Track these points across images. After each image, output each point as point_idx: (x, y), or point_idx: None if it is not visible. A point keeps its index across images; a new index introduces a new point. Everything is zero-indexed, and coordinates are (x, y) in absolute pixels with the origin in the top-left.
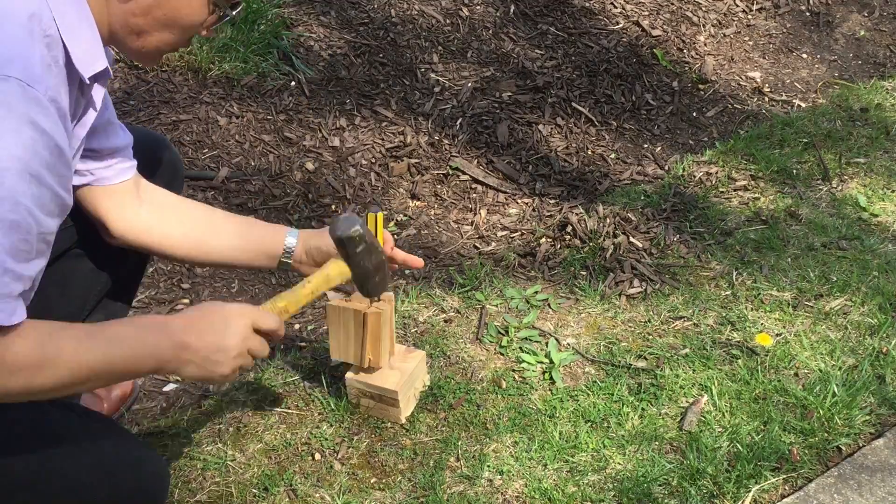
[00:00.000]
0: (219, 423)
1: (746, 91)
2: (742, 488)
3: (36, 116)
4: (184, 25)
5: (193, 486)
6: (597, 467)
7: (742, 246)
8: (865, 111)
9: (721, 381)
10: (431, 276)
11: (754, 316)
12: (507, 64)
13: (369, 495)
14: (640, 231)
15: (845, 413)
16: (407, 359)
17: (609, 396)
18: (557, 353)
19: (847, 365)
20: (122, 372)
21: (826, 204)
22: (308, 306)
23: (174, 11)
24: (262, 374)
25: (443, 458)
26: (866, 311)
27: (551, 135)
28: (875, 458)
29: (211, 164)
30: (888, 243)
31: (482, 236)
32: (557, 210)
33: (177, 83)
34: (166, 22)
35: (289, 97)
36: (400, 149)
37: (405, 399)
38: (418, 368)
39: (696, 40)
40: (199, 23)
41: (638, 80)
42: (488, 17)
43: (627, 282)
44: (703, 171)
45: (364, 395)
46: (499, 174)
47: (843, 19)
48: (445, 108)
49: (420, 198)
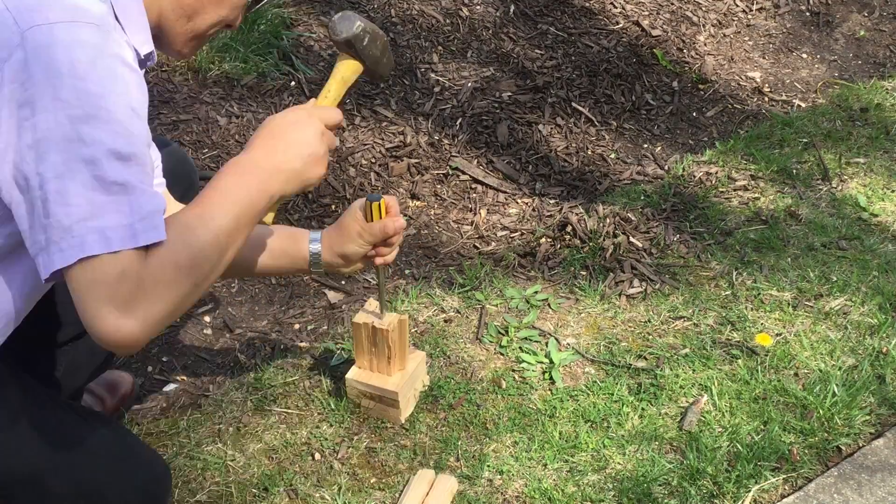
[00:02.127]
0: (219, 423)
1: (746, 91)
2: (742, 488)
3: (125, 56)
4: (234, 2)
5: (193, 486)
6: (597, 467)
7: (742, 246)
8: (865, 111)
9: (721, 381)
10: (431, 276)
11: (754, 316)
12: (507, 64)
13: (369, 495)
14: (640, 231)
15: (845, 413)
16: (407, 360)
17: (609, 396)
18: (557, 353)
19: (847, 365)
20: (248, 222)
21: (826, 204)
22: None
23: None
24: (262, 373)
25: (443, 458)
26: (866, 311)
27: (551, 135)
28: (875, 458)
29: (211, 165)
30: (888, 243)
31: (482, 236)
32: (557, 210)
33: (177, 83)
34: (219, 0)
35: (289, 97)
36: (400, 149)
37: (405, 400)
38: (418, 369)
39: (696, 40)
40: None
41: (638, 80)
42: (488, 17)
43: (627, 282)
44: (703, 171)
45: (364, 396)
46: (499, 174)
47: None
48: (445, 108)
49: (420, 198)
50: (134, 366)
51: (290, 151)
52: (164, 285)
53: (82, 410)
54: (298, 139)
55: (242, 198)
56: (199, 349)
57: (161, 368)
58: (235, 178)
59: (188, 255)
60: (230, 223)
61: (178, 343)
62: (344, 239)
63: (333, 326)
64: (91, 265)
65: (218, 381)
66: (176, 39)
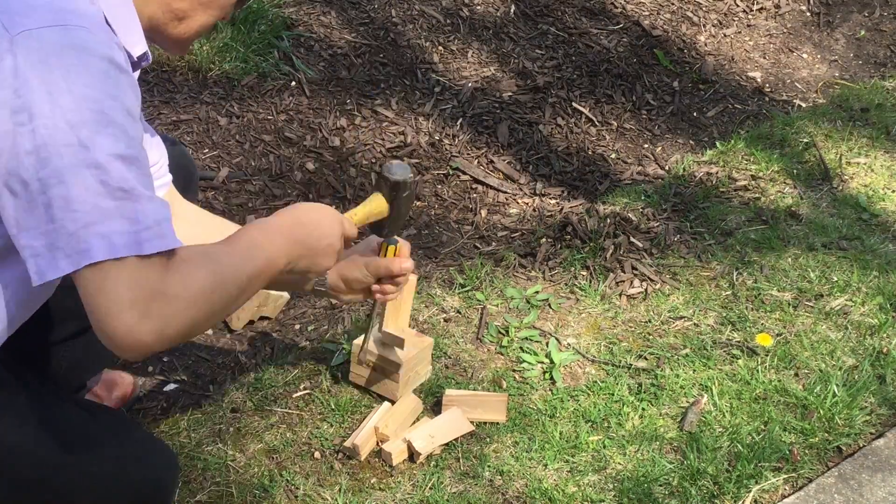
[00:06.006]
0: (219, 423)
1: (747, 91)
2: (742, 488)
3: (117, 58)
4: (223, 3)
5: (194, 486)
6: (597, 467)
7: (742, 246)
8: (866, 111)
9: (721, 381)
10: (432, 276)
11: (755, 316)
12: (508, 64)
13: (370, 495)
14: (641, 231)
15: (846, 413)
16: (415, 341)
17: (609, 396)
18: (558, 353)
19: (847, 365)
20: (265, 277)
21: (826, 204)
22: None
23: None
24: (262, 373)
25: (443, 458)
26: (867, 311)
27: (552, 135)
28: (875, 458)
29: (211, 164)
30: (889, 243)
31: (482, 236)
32: (558, 210)
33: (177, 83)
34: (209, 2)
35: (289, 97)
36: (400, 149)
37: (406, 376)
38: (424, 352)
39: (697, 40)
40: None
41: (638, 80)
42: (488, 17)
43: (628, 282)
44: (704, 171)
45: (366, 365)
46: (499, 174)
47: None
48: (446, 108)
49: (420, 198)
50: (134, 365)
51: (314, 234)
52: (186, 301)
53: (89, 405)
54: (325, 225)
55: (266, 252)
56: (199, 349)
57: (161, 368)
58: (263, 234)
59: (212, 282)
60: (252, 270)
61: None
62: (351, 265)
63: (333, 326)
64: (101, 269)
65: (218, 381)
66: (168, 41)
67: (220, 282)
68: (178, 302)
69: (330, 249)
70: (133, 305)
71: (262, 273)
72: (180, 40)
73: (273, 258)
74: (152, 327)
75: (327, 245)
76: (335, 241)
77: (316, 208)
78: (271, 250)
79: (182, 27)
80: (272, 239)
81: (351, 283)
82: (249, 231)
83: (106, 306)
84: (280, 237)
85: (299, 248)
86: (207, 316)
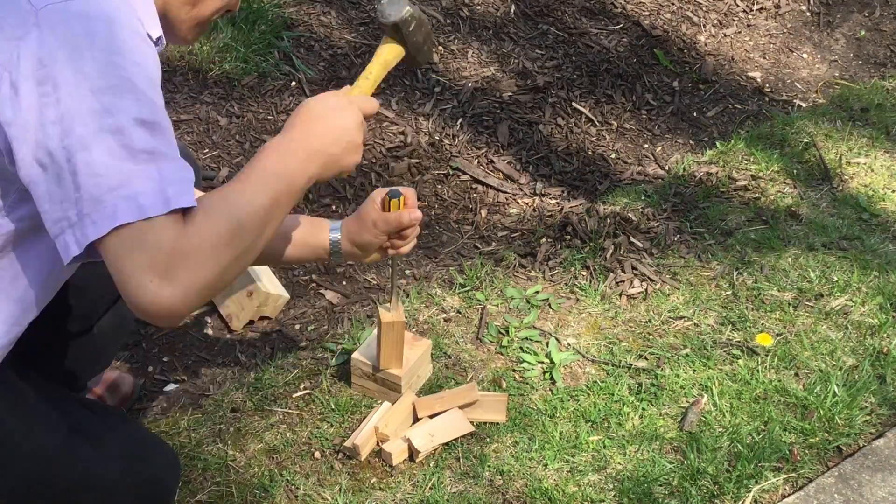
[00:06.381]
0: (219, 423)
1: (747, 91)
2: (742, 488)
3: (139, 28)
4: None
5: (194, 486)
6: (597, 467)
7: (742, 246)
8: (866, 111)
9: (721, 381)
10: (432, 276)
11: (755, 316)
12: (508, 64)
13: (370, 495)
14: (641, 231)
15: (846, 413)
16: (413, 346)
17: (609, 396)
18: (558, 353)
19: (847, 365)
20: (287, 202)
21: (826, 204)
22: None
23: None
24: (262, 373)
25: (443, 458)
26: (867, 311)
27: (552, 135)
28: (875, 458)
29: (211, 164)
30: (889, 243)
31: (482, 236)
32: (558, 210)
33: (177, 83)
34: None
35: (289, 97)
36: (400, 149)
37: (407, 383)
38: (423, 357)
39: (697, 40)
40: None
41: (638, 80)
42: (488, 17)
43: (628, 282)
44: (704, 171)
45: (367, 377)
46: (499, 174)
47: (844, 19)
48: (446, 108)
49: (420, 198)
50: (134, 366)
51: (329, 136)
52: (204, 254)
53: (92, 405)
54: (338, 125)
55: (282, 177)
56: (199, 349)
57: (161, 368)
58: (275, 157)
59: (229, 226)
60: (270, 200)
61: (178, 343)
62: (361, 228)
63: (333, 326)
64: (126, 233)
65: (218, 381)
66: (181, 26)
67: (238, 224)
68: (198, 256)
69: (351, 146)
70: (152, 270)
71: (281, 200)
72: (192, 26)
73: (291, 180)
74: (177, 288)
75: (347, 143)
76: (354, 135)
77: (324, 108)
78: (287, 173)
79: (195, 11)
80: (285, 161)
81: (364, 247)
82: (260, 159)
83: (131, 275)
84: (292, 157)
85: (318, 159)
86: (233, 261)
